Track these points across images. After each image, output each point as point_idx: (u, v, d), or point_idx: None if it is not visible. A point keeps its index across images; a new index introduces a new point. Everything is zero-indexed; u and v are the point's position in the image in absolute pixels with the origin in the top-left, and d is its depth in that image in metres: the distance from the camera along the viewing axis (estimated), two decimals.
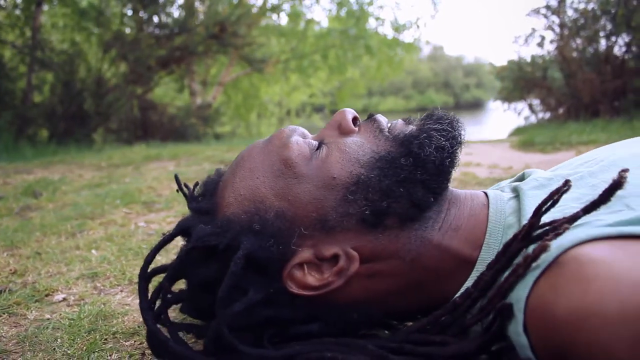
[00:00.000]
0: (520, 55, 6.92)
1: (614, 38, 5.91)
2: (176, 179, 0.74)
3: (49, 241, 1.27)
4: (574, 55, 6.18)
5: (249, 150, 0.63)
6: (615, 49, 5.97)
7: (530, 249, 0.48)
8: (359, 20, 10.26)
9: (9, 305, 0.83)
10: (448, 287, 0.57)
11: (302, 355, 0.52)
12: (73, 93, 5.75)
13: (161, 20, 6.83)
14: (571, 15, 6.29)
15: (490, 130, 9.55)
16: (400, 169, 0.56)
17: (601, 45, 6.07)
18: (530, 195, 0.58)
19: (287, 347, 0.54)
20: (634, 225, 0.46)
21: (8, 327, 0.76)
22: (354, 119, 0.63)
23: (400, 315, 0.64)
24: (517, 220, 0.56)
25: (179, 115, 7.10)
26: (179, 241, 0.67)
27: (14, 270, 1.03)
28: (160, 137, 6.13)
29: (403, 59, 11.69)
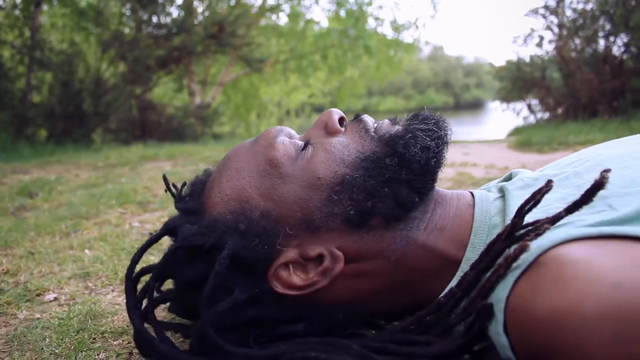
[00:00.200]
0: (519, 55, 6.94)
1: (612, 38, 5.93)
2: (164, 179, 0.74)
3: (42, 241, 1.27)
4: (572, 56, 6.19)
5: (235, 150, 0.63)
6: (613, 49, 5.99)
7: (512, 249, 0.48)
8: (358, 21, 10.26)
9: None
10: (433, 287, 0.57)
11: (287, 355, 0.52)
12: (72, 93, 5.76)
13: (160, 20, 6.84)
14: (570, 15, 6.31)
15: (490, 130, 9.56)
16: (385, 168, 0.56)
17: (600, 46, 6.08)
18: (516, 195, 0.58)
19: (273, 347, 0.54)
20: (615, 226, 0.46)
21: None
22: (341, 119, 0.63)
23: (386, 315, 0.64)
24: (502, 220, 0.56)
25: (177, 115, 7.10)
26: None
27: (7, 270, 1.03)
28: (158, 137, 6.13)
29: (402, 59, 11.69)
